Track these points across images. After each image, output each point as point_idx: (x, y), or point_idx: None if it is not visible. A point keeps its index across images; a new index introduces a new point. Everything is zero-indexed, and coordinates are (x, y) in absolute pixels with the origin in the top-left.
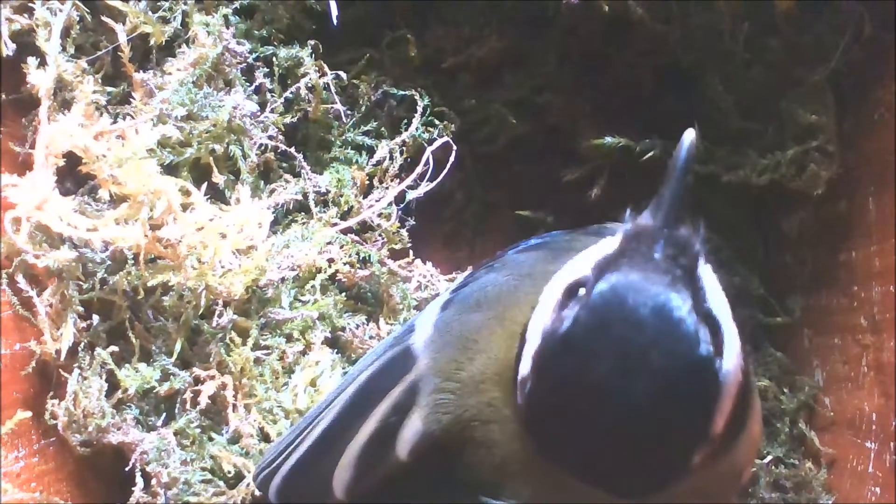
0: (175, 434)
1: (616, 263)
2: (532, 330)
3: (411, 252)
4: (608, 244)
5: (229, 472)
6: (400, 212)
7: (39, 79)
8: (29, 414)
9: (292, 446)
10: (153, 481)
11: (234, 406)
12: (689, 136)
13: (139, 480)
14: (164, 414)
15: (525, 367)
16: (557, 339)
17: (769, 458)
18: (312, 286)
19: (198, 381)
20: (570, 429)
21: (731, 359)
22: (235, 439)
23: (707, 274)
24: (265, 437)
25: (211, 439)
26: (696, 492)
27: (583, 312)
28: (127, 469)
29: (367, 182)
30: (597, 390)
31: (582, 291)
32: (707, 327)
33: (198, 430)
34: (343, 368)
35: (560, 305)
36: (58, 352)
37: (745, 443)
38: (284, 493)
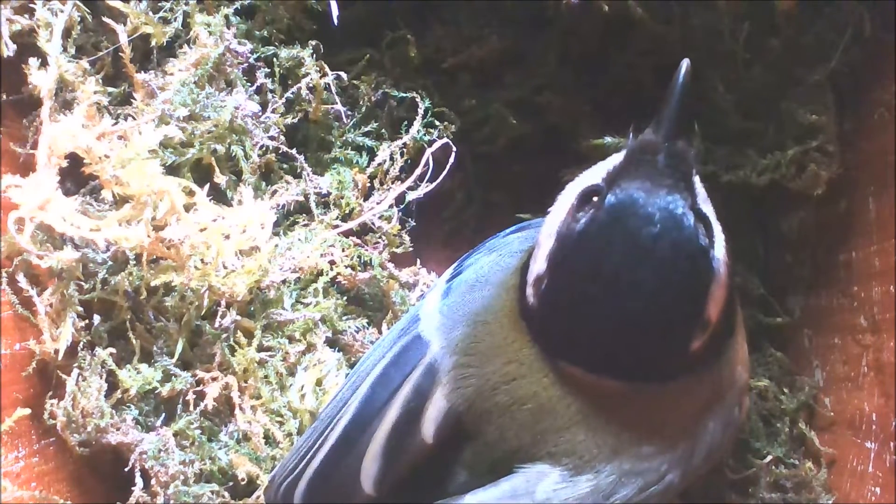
0: (175, 435)
1: (626, 172)
2: (545, 234)
3: (418, 261)
4: (615, 158)
5: (242, 480)
6: (400, 213)
7: (41, 79)
8: (28, 411)
9: (313, 450)
10: (153, 481)
11: (241, 407)
12: (685, 63)
13: (138, 480)
14: (164, 414)
15: (539, 267)
16: (575, 235)
17: (769, 458)
18: (315, 289)
19: (200, 382)
20: (583, 316)
21: (720, 251)
22: (240, 441)
23: (698, 181)
24: (269, 439)
25: (211, 440)
26: (707, 395)
27: (599, 213)
28: (126, 469)
29: (368, 184)
30: (611, 275)
31: (595, 199)
32: (702, 223)
33: (198, 432)
34: (347, 369)
35: (575, 209)
36: (56, 351)
37: (737, 354)
38: (312, 497)
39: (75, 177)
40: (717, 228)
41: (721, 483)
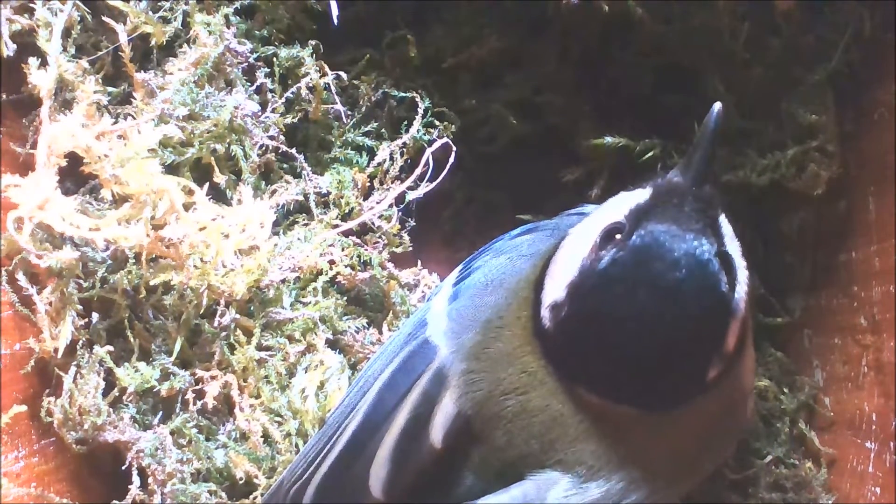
0: (172, 433)
1: (651, 213)
2: (563, 263)
3: (419, 262)
4: (638, 195)
5: (240, 479)
6: (400, 213)
7: (41, 79)
8: (24, 408)
9: (322, 455)
10: (150, 480)
11: (241, 406)
12: (717, 106)
13: (136, 479)
14: (161, 413)
15: (557, 294)
16: (599, 273)
17: (769, 458)
18: (314, 288)
19: (199, 381)
20: (602, 351)
21: (741, 291)
22: (238, 440)
23: (724, 222)
24: (268, 439)
25: (209, 439)
26: (716, 406)
27: (623, 253)
28: (124, 468)
29: (368, 183)
30: (633, 316)
31: (618, 236)
32: (725, 267)
33: (195, 430)
34: (349, 372)
35: (598, 245)
36: (56, 349)
37: (745, 364)
38: (321, 501)
39: (75, 176)
40: (740, 266)
41: (721, 483)
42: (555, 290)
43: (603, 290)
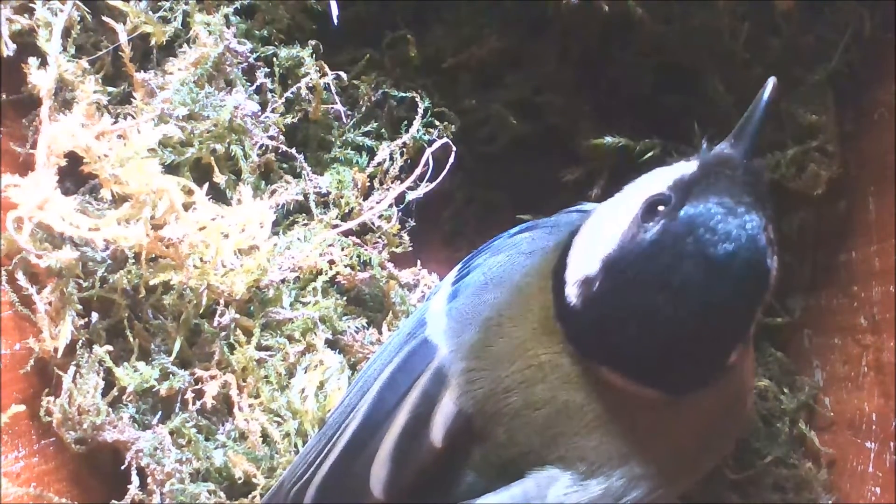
0: (171, 433)
1: (701, 184)
2: (592, 240)
3: (419, 262)
4: (680, 168)
5: (239, 479)
6: (400, 213)
7: (40, 79)
8: (23, 408)
9: (322, 455)
10: (149, 479)
11: (240, 406)
12: (772, 80)
13: (135, 478)
14: (160, 412)
15: (589, 269)
16: (646, 244)
17: (769, 458)
18: (314, 288)
19: (199, 380)
20: (637, 324)
21: (774, 268)
22: (237, 440)
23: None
24: (267, 439)
25: (208, 439)
26: (717, 404)
27: (673, 223)
28: (123, 467)
29: (368, 183)
30: (679, 287)
31: (661, 208)
32: (769, 243)
33: (194, 430)
34: (349, 372)
35: (642, 217)
36: (55, 349)
37: (745, 364)
38: (322, 501)
39: (74, 176)
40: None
41: (721, 483)
42: (585, 266)
43: (648, 261)
